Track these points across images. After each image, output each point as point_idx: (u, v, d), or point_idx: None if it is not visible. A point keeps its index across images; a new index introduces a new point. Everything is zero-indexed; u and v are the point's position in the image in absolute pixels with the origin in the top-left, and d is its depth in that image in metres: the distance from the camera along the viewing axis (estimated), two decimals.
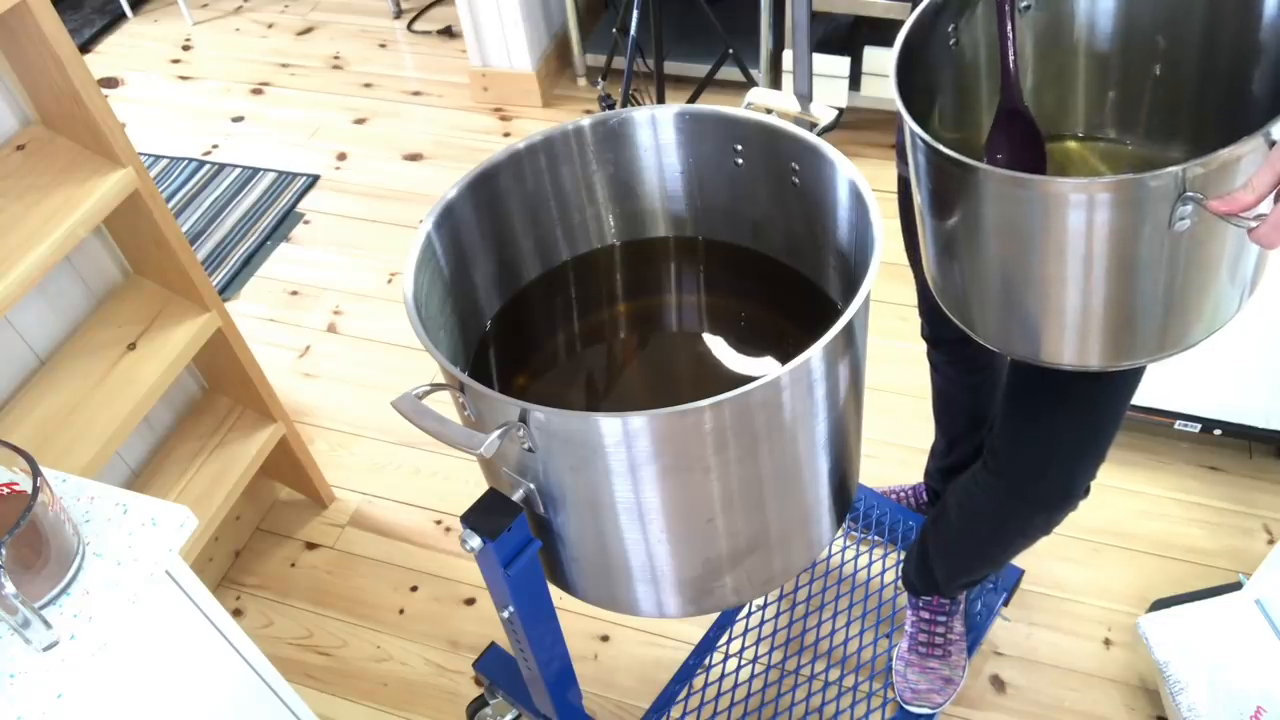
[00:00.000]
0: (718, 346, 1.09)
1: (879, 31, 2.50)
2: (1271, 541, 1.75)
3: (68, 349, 1.49)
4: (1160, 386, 1.77)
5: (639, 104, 2.49)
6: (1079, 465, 1.17)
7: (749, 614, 1.70)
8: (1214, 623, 1.48)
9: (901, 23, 0.95)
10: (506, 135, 2.80)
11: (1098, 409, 1.11)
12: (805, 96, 1.10)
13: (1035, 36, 1.01)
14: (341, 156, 2.79)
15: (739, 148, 1.08)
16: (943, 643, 1.55)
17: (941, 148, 0.83)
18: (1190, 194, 0.74)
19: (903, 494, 1.81)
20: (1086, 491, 1.21)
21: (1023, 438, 1.19)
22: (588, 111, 2.35)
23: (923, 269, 1.02)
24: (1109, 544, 1.78)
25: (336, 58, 3.16)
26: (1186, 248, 0.80)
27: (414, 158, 2.76)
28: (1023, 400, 1.16)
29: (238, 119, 2.97)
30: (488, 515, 0.93)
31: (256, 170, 2.77)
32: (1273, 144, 0.74)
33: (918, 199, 0.94)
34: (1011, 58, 0.93)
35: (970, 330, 0.97)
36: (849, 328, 0.85)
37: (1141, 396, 1.79)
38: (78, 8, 3.48)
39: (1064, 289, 0.85)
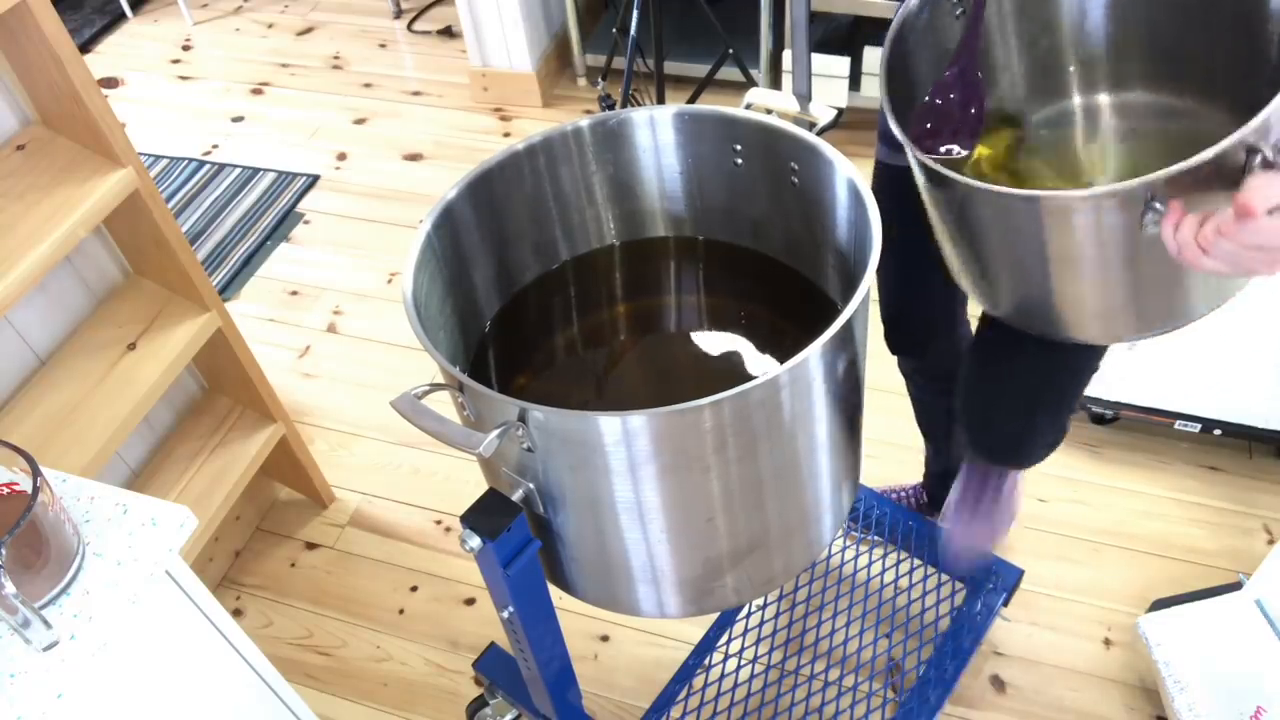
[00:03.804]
0: (717, 346, 1.09)
1: (879, 31, 2.50)
2: (1271, 541, 1.75)
3: (68, 349, 1.49)
4: (1160, 386, 1.77)
5: (639, 104, 2.49)
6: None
7: (749, 614, 1.70)
8: (1214, 623, 1.48)
9: None
10: (506, 135, 2.80)
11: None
12: (805, 96, 1.10)
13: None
14: (341, 156, 2.79)
15: (738, 148, 1.08)
16: (995, 497, 1.47)
17: (920, 158, 0.87)
18: (1156, 204, 0.76)
19: (903, 494, 1.81)
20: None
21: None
22: (588, 112, 2.35)
23: (888, 268, 1.04)
24: (1109, 544, 1.78)
25: (336, 58, 3.16)
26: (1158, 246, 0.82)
27: (414, 158, 2.76)
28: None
29: (238, 119, 2.97)
30: (488, 515, 0.93)
31: (256, 170, 2.77)
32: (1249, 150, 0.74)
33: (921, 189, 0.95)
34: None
35: (988, 309, 1.02)
36: (848, 326, 0.85)
37: (1141, 396, 1.79)
38: (78, 8, 3.48)
39: (1067, 279, 0.88)
